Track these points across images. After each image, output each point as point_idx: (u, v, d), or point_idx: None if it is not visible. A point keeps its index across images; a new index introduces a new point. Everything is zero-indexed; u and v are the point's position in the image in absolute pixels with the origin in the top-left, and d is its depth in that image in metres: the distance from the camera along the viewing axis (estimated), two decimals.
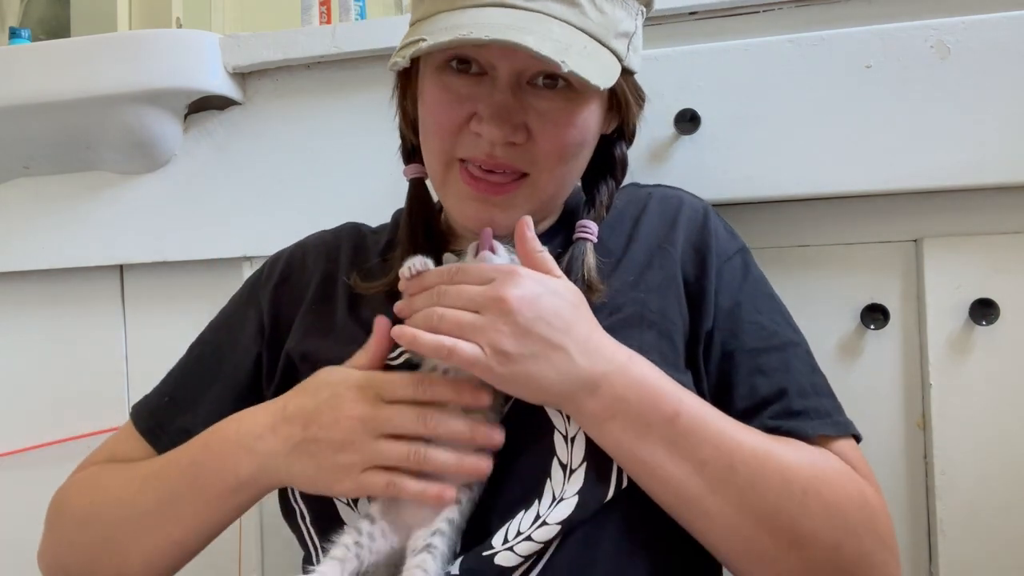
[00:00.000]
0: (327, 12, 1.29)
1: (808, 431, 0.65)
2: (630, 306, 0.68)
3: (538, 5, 0.62)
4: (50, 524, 0.77)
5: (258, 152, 1.09)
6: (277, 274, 0.80)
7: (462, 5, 0.63)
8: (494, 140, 0.64)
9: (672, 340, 0.67)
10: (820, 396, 0.68)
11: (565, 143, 0.66)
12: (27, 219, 1.16)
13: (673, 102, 0.91)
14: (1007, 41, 0.84)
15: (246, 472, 0.65)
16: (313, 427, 0.62)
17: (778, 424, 0.65)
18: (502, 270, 0.61)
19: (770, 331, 0.70)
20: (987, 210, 0.87)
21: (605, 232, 0.73)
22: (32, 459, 1.17)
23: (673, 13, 0.95)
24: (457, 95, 0.66)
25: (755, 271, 0.75)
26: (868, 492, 0.63)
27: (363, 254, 0.79)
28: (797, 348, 0.71)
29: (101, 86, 1.04)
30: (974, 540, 0.85)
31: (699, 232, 0.73)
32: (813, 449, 0.64)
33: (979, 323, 0.85)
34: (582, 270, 0.69)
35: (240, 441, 0.66)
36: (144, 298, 1.16)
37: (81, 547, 0.74)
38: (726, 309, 0.70)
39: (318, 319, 0.74)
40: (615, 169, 0.76)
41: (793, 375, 0.68)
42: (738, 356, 0.68)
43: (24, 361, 1.19)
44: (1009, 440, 0.85)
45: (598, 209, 0.74)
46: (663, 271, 0.70)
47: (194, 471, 0.69)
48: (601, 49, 0.65)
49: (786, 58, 0.89)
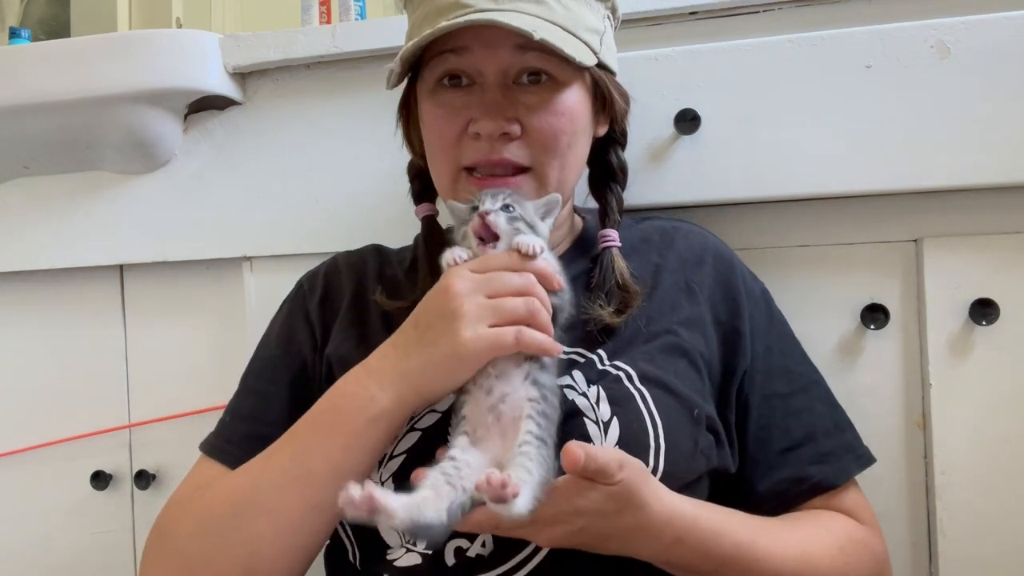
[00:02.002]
0: (327, 12, 1.29)
1: (835, 480, 0.75)
2: (665, 335, 0.73)
3: (507, 5, 0.68)
4: (151, 554, 0.71)
5: (258, 152, 1.09)
6: (320, 288, 0.84)
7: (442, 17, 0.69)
8: (490, 133, 0.69)
9: (700, 372, 0.73)
10: (843, 432, 0.78)
11: (557, 130, 0.71)
12: (27, 219, 1.16)
13: (673, 102, 0.91)
14: (1007, 41, 0.84)
15: (383, 394, 0.64)
16: (423, 319, 0.65)
17: (812, 472, 0.75)
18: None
19: (796, 374, 0.79)
20: (987, 210, 0.87)
21: (632, 259, 0.78)
22: (32, 459, 1.17)
23: (673, 13, 0.95)
24: (452, 107, 0.71)
25: (776, 311, 0.82)
26: (875, 547, 0.75)
27: (389, 270, 0.84)
28: (818, 388, 0.80)
29: (101, 86, 1.04)
30: (974, 540, 0.85)
31: (727, 272, 0.79)
32: (838, 530, 0.73)
33: (979, 323, 0.85)
34: (615, 277, 0.74)
35: (362, 373, 0.67)
36: (144, 298, 1.16)
37: (197, 559, 0.67)
38: (761, 354, 0.77)
39: (354, 330, 0.78)
40: (616, 175, 0.82)
41: (818, 417, 0.77)
42: (773, 401, 0.77)
43: (24, 361, 1.19)
44: (1009, 440, 0.85)
45: (612, 215, 0.80)
46: (692, 307, 0.76)
47: (323, 417, 0.67)
48: (571, 37, 0.70)
49: (786, 58, 0.89)
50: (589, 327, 0.73)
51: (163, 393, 1.14)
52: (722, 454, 0.73)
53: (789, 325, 0.82)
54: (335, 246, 1.03)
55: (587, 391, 0.69)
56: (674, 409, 0.69)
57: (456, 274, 0.65)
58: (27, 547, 1.18)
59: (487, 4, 0.68)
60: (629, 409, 0.67)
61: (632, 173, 0.85)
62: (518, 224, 0.66)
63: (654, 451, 0.66)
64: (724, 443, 0.73)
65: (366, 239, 0.92)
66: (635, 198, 0.91)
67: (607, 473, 0.57)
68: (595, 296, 0.74)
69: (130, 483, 1.14)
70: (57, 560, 1.16)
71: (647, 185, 0.92)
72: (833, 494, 0.75)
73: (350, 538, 0.71)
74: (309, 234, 1.06)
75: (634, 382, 0.69)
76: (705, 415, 0.71)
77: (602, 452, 0.57)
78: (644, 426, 0.66)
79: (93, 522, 1.15)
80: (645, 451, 0.65)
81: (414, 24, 0.75)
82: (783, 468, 0.75)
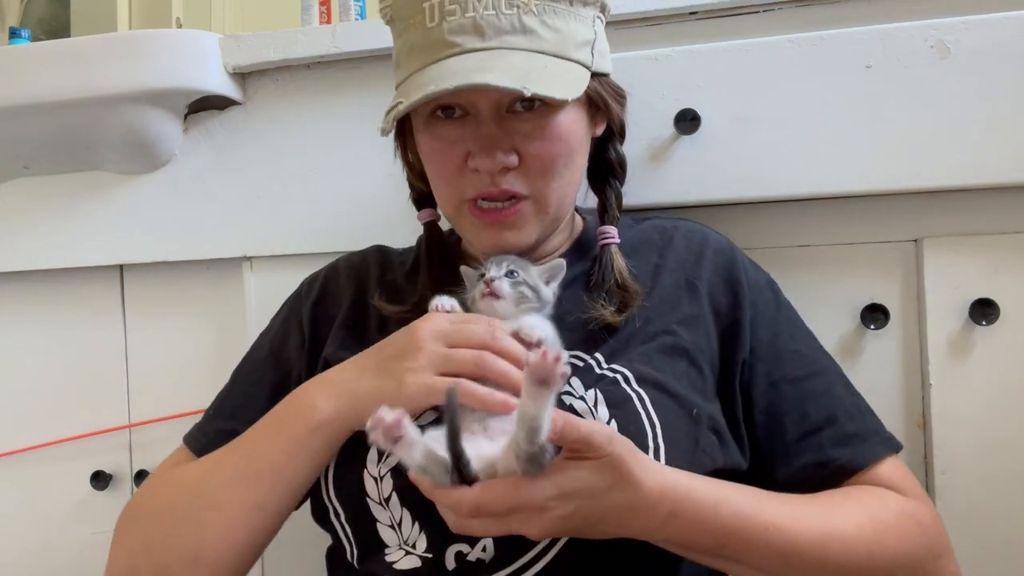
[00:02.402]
0: (327, 12, 1.29)
1: (862, 460, 0.71)
2: (663, 335, 0.73)
3: (495, 43, 0.68)
4: (120, 533, 0.75)
5: (258, 152, 1.09)
6: (315, 292, 0.85)
7: (431, 61, 0.69)
8: (490, 169, 0.70)
9: (701, 369, 0.73)
10: (865, 416, 0.75)
11: (554, 155, 0.71)
12: (27, 219, 1.16)
13: (673, 102, 0.91)
14: (1007, 41, 0.84)
15: (325, 405, 0.69)
16: (388, 348, 0.69)
17: (836, 455, 0.71)
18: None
19: (809, 358, 0.76)
20: (987, 210, 0.87)
21: (632, 260, 0.78)
22: (32, 459, 1.17)
23: (673, 13, 0.95)
24: (448, 140, 0.72)
25: (784, 301, 0.80)
26: (922, 516, 0.69)
27: (390, 274, 0.85)
28: (835, 373, 0.77)
29: (101, 86, 1.04)
30: (974, 540, 0.85)
31: (727, 265, 0.78)
32: (869, 499, 0.68)
33: (979, 323, 0.85)
34: (614, 276, 0.75)
35: (318, 382, 0.72)
36: (144, 298, 1.16)
37: (155, 541, 0.71)
38: (765, 340, 0.75)
39: (352, 334, 0.79)
40: (615, 170, 0.82)
41: (838, 400, 0.74)
42: (783, 386, 0.74)
43: (24, 361, 1.19)
44: (1009, 440, 0.85)
45: (611, 212, 0.80)
46: (692, 305, 0.75)
47: (274, 420, 0.72)
48: (563, 63, 0.70)
49: (786, 58, 0.89)
50: (591, 326, 0.73)
51: (163, 393, 1.14)
52: (727, 452, 0.71)
53: (799, 315, 0.80)
54: (335, 246, 1.03)
55: (584, 395, 0.69)
56: (672, 410, 0.68)
57: (430, 317, 0.69)
58: (27, 547, 1.18)
59: (475, 43, 0.68)
60: (627, 411, 0.67)
61: (632, 173, 0.85)
62: (521, 288, 0.69)
63: (653, 451, 0.65)
64: (729, 441, 0.72)
65: (366, 239, 0.92)
66: (635, 198, 0.91)
67: (593, 444, 0.56)
68: (595, 295, 0.74)
69: (130, 483, 1.14)
70: (57, 560, 1.17)
71: (647, 185, 0.92)
72: (864, 473, 0.71)
73: (349, 538, 0.71)
74: (309, 234, 1.06)
75: (631, 384, 0.69)
76: (707, 415, 0.70)
77: (587, 423, 0.56)
78: (642, 427, 0.66)
79: (93, 522, 1.15)
80: (644, 452, 0.65)
81: (400, 53, 0.74)
82: (803, 454, 0.72)
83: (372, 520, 0.68)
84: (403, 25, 0.72)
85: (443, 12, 0.68)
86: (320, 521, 0.74)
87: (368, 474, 0.68)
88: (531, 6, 0.68)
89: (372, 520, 0.68)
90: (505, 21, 0.68)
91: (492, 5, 0.68)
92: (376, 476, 0.68)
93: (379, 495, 0.68)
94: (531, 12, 0.68)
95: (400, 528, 0.67)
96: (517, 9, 0.68)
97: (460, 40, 0.68)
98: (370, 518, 0.68)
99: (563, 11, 0.70)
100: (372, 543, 0.68)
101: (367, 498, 0.68)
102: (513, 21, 0.68)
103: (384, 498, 0.67)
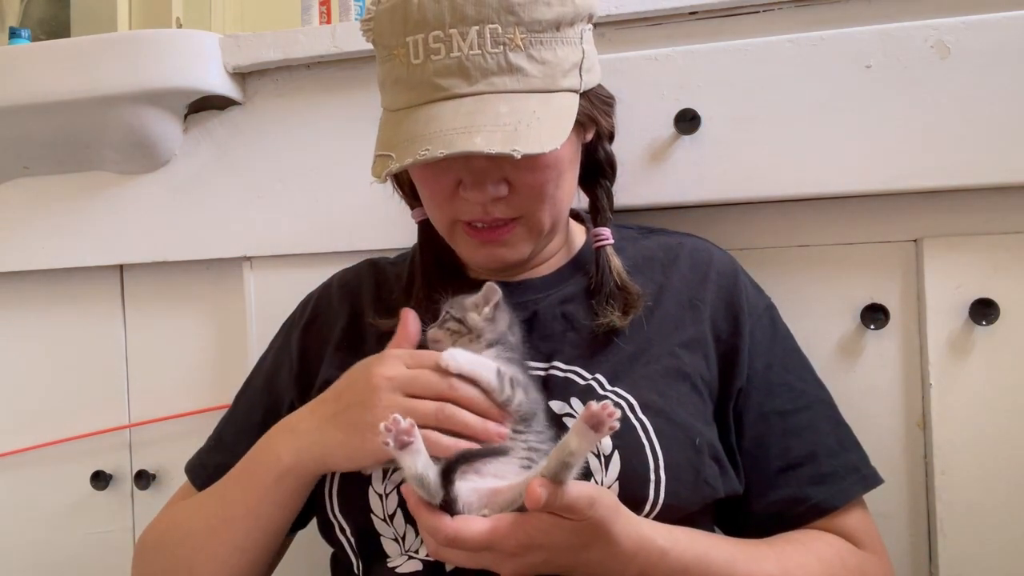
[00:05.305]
0: (327, 12, 1.29)
1: (836, 500, 0.73)
2: (666, 358, 0.73)
3: (482, 86, 0.66)
4: (133, 565, 0.80)
5: (258, 152, 1.09)
6: (307, 315, 0.86)
7: (417, 103, 0.67)
8: (481, 201, 0.69)
9: (701, 394, 0.73)
10: (847, 451, 0.76)
11: (543, 182, 0.70)
12: (27, 219, 1.16)
13: (673, 102, 0.91)
14: (1007, 41, 0.84)
15: (287, 456, 0.70)
16: (346, 396, 0.69)
17: (812, 493, 0.72)
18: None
19: (799, 391, 0.77)
20: (987, 210, 0.87)
21: (636, 278, 0.77)
22: (32, 459, 1.17)
23: (673, 13, 0.95)
24: (439, 169, 0.70)
25: (782, 327, 0.81)
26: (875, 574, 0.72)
27: (385, 288, 0.84)
28: (823, 405, 0.78)
29: (101, 86, 1.04)
30: (974, 540, 0.85)
31: (730, 288, 0.78)
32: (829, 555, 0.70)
33: (979, 323, 0.85)
34: (612, 277, 0.75)
35: (282, 429, 0.73)
36: (144, 298, 1.16)
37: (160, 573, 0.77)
38: (760, 371, 0.76)
39: (349, 355, 0.78)
40: (605, 171, 0.81)
41: (821, 436, 0.75)
42: (772, 418, 0.75)
43: (24, 361, 1.19)
44: (1009, 440, 0.85)
45: (603, 213, 0.80)
46: (694, 327, 0.76)
47: (243, 468, 0.74)
48: (552, 98, 0.68)
49: (786, 58, 0.89)
50: (598, 332, 0.73)
51: (163, 393, 1.14)
52: (727, 480, 0.72)
53: (796, 342, 0.81)
54: (335, 246, 1.03)
55: None
56: (675, 439, 0.68)
57: (386, 363, 0.68)
58: (27, 547, 1.18)
59: (462, 87, 0.66)
60: (630, 441, 0.67)
61: (632, 173, 0.85)
62: (448, 325, 0.70)
63: (654, 484, 0.66)
64: (727, 467, 0.72)
65: (366, 239, 0.92)
66: (635, 198, 0.91)
67: (575, 510, 0.57)
68: (599, 301, 0.74)
69: (130, 483, 1.14)
70: (57, 560, 1.17)
71: (647, 185, 0.92)
72: (834, 516, 0.73)
73: (353, 548, 0.71)
74: (309, 234, 1.06)
75: (636, 412, 0.69)
76: (708, 443, 0.70)
77: (571, 489, 0.57)
78: (644, 460, 0.66)
79: (93, 522, 1.15)
80: (645, 484, 0.66)
81: (384, 78, 0.71)
82: (781, 488, 0.73)
83: (376, 535, 0.69)
84: (386, 53, 0.69)
85: (428, 50, 0.66)
86: (325, 536, 0.75)
87: (373, 491, 0.69)
88: (517, 41, 0.66)
89: (376, 535, 0.69)
90: (491, 61, 0.65)
91: (478, 44, 0.65)
92: (381, 493, 0.69)
93: (384, 511, 0.68)
94: (517, 48, 0.66)
95: (403, 541, 0.68)
96: (503, 47, 0.65)
97: (446, 84, 0.66)
98: (374, 533, 0.69)
99: (550, 39, 0.67)
100: (376, 555, 0.69)
101: (371, 514, 0.69)
102: (499, 60, 0.66)
103: (389, 515, 0.68)
